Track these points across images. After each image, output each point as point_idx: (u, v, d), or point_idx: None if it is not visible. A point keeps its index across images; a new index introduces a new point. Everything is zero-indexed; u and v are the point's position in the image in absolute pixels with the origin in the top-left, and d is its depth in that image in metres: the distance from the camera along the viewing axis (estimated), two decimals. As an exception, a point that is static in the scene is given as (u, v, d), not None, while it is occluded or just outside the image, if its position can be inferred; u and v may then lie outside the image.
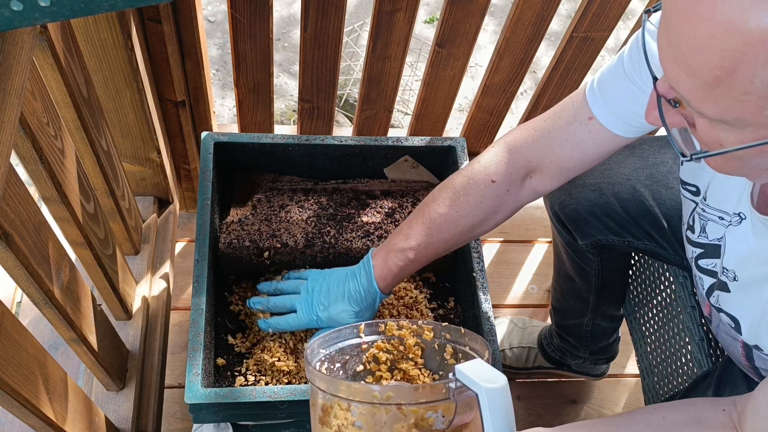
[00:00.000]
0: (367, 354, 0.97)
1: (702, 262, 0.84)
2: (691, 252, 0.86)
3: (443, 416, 0.73)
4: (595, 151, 0.87)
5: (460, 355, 0.95)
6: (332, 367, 0.95)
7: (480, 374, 0.69)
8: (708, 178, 0.81)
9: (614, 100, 0.82)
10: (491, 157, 0.92)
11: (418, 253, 0.96)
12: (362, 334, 0.97)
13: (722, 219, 0.78)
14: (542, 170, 0.91)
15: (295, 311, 1.04)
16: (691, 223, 0.86)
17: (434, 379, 0.98)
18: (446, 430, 0.73)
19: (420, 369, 0.98)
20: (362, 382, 0.94)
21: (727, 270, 0.79)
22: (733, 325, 0.81)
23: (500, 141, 0.93)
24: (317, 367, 0.90)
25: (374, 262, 0.99)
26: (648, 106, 0.62)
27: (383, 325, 0.98)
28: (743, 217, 0.76)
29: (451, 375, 0.71)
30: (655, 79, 0.58)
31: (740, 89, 0.49)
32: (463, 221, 0.94)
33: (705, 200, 0.81)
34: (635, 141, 1.08)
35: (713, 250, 0.82)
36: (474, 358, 0.91)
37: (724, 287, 0.81)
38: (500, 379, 0.69)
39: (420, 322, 0.98)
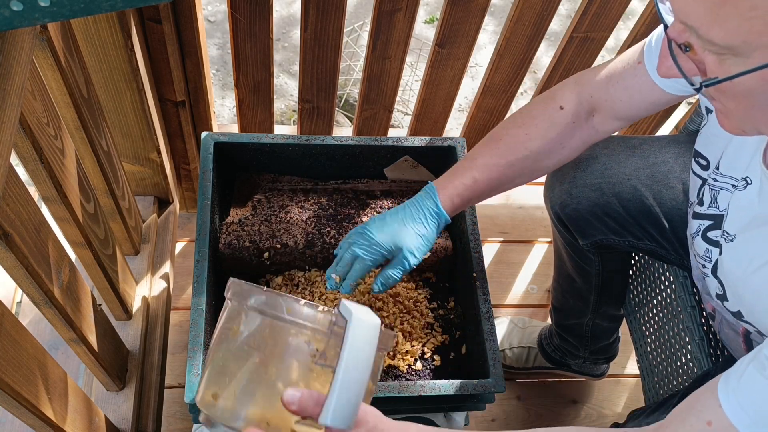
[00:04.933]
0: None
1: (711, 234, 0.84)
2: (698, 226, 0.86)
3: (316, 350, 0.70)
4: (640, 98, 0.89)
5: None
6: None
7: (360, 311, 0.68)
8: (722, 147, 0.81)
9: None
10: (561, 88, 0.95)
11: (482, 173, 0.94)
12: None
13: (734, 186, 0.79)
14: (600, 110, 0.94)
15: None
16: (700, 197, 0.86)
17: None
18: (315, 363, 0.70)
19: None
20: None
21: (728, 233, 0.80)
22: (721, 293, 0.81)
23: (571, 77, 0.96)
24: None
25: (437, 184, 0.96)
26: (660, 57, 0.63)
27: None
28: (749, 181, 0.76)
29: (335, 308, 0.70)
30: (666, 27, 0.59)
31: (747, 4, 0.50)
32: (532, 144, 0.94)
33: (718, 169, 0.82)
34: (636, 141, 1.08)
35: (722, 220, 0.82)
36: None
37: (722, 251, 0.81)
38: (375, 319, 0.68)
39: None
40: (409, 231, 0.95)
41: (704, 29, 0.53)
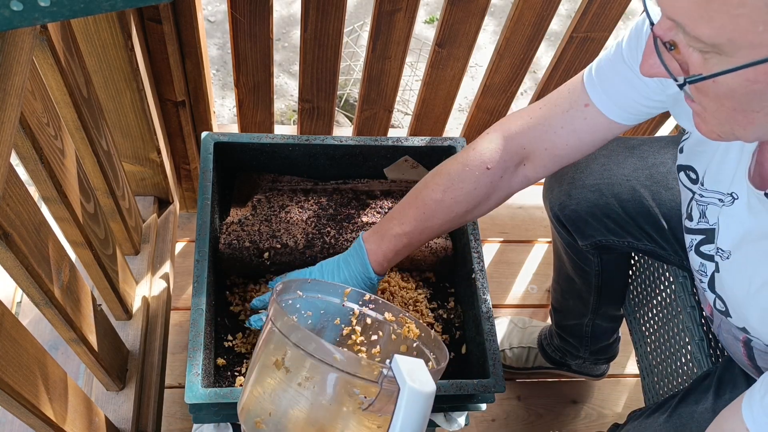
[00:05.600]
0: (352, 316, 0.99)
1: (704, 248, 0.84)
2: (690, 241, 0.86)
3: (364, 397, 0.71)
4: (590, 138, 0.88)
5: (415, 353, 0.95)
6: (304, 313, 0.97)
7: (413, 373, 0.68)
8: (706, 161, 0.81)
9: (612, 86, 0.83)
10: (486, 144, 0.93)
11: (412, 238, 0.97)
12: (346, 298, 0.98)
13: (721, 201, 0.79)
14: (536, 157, 0.92)
15: None
16: (689, 212, 0.86)
17: None
18: (363, 410, 0.71)
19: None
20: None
21: (722, 251, 0.79)
22: (723, 309, 0.81)
23: (495, 127, 0.94)
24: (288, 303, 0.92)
25: (368, 247, 0.99)
26: (644, 56, 0.62)
27: (369, 296, 1.00)
28: (735, 197, 0.76)
29: (388, 362, 0.71)
30: (652, 24, 0.59)
31: (735, 1, 0.50)
32: (457, 207, 0.95)
33: (703, 185, 0.81)
34: (635, 141, 1.08)
35: (713, 234, 0.82)
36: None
37: (719, 269, 0.81)
38: (429, 385, 0.68)
39: (408, 315, 0.99)
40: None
41: (691, 26, 0.53)
